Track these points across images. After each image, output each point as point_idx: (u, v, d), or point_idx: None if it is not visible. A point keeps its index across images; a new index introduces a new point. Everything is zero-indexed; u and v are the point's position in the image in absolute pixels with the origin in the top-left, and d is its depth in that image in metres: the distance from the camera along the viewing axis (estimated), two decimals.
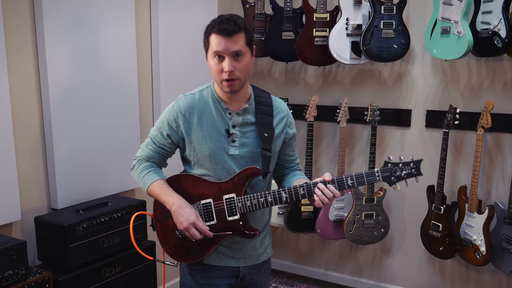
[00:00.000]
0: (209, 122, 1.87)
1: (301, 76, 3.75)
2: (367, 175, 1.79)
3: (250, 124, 1.89)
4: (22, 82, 2.49)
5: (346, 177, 1.79)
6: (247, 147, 1.88)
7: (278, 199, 1.83)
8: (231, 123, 1.87)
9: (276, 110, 1.94)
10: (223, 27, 1.74)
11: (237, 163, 1.87)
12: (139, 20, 3.08)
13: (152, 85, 3.23)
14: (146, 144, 1.98)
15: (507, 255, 2.93)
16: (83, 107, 2.74)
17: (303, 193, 1.81)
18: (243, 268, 1.97)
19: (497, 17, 2.77)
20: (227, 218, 1.85)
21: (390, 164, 1.80)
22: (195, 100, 1.90)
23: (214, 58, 1.78)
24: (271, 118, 1.91)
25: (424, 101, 3.35)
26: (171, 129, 1.90)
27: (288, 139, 1.98)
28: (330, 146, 3.71)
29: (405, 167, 1.80)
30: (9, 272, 2.14)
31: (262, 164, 1.87)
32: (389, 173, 1.79)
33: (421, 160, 1.81)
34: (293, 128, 2.00)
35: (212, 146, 1.86)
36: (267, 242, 2.04)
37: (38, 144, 2.60)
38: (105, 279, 2.56)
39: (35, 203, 2.61)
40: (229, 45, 1.75)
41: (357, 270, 3.77)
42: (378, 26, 3.14)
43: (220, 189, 1.86)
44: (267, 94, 1.97)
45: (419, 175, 1.81)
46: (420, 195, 3.31)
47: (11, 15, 2.41)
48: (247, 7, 3.48)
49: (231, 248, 1.93)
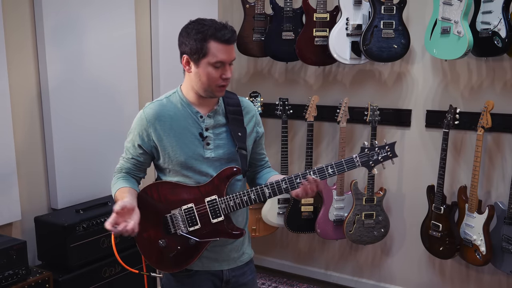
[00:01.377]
0: (181, 127, 1.84)
1: (301, 76, 3.75)
2: (347, 162, 1.84)
3: (221, 125, 1.88)
4: (22, 82, 2.49)
5: (326, 165, 1.83)
6: (222, 148, 1.87)
7: (261, 196, 1.83)
8: (203, 126, 1.86)
9: (245, 109, 1.95)
10: (225, 36, 1.73)
11: (213, 166, 1.86)
12: (139, 20, 3.08)
13: (152, 85, 3.23)
14: (122, 156, 1.95)
15: (507, 255, 2.93)
16: (83, 107, 2.74)
17: (285, 187, 1.82)
18: (226, 271, 1.95)
19: (497, 17, 2.77)
20: (211, 221, 1.83)
21: (366, 149, 1.87)
22: (163, 107, 1.86)
23: (213, 65, 1.76)
24: (242, 118, 1.92)
25: (424, 101, 3.35)
26: (141, 139, 1.86)
27: (258, 138, 2.00)
28: (330, 146, 3.71)
29: (381, 150, 1.88)
30: (9, 272, 2.14)
31: (241, 163, 1.87)
32: (367, 158, 1.87)
33: (395, 143, 1.90)
34: (261, 126, 2.03)
35: (187, 151, 1.83)
36: (246, 241, 2.03)
37: (38, 144, 2.60)
38: (105, 279, 2.56)
39: (35, 203, 2.61)
40: (230, 53, 1.77)
41: (357, 270, 3.77)
42: (378, 26, 3.14)
43: (200, 192, 1.84)
44: (234, 95, 1.97)
45: (395, 157, 1.89)
46: (420, 195, 3.31)
47: (11, 15, 2.41)
48: (247, 7, 3.48)
49: (214, 251, 1.91)
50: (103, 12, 2.80)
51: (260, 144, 2.04)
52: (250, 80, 3.91)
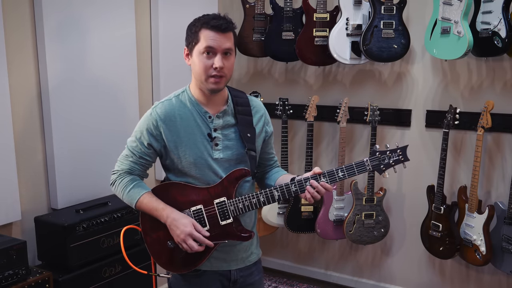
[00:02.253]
0: (191, 127, 1.83)
1: (301, 76, 3.75)
2: (357, 165, 1.81)
3: (231, 126, 1.87)
4: (22, 82, 2.49)
5: (336, 169, 1.80)
6: (230, 149, 1.86)
7: (270, 198, 1.81)
8: (212, 126, 1.84)
9: (254, 109, 1.93)
10: (217, 23, 1.74)
11: (222, 167, 1.85)
12: (139, 20, 3.08)
13: (152, 85, 3.23)
14: (126, 157, 1.89)
15: (507, 255, 2.93)
16: (83, 107, 2.74)
17: (295, 190, 1.80)
18: (234, 271, 1.94)
19: (497, 17, 2.77)
20: (220, 223, 1.82)
21: (378, 152, 1.84)
22: (173, 106, 1.84)
23: (203, 54, 1.75)
24: (251, 118, 1.90)
25: (424, 101, 3.35)
26: (152, 137, 1.83)
27: (267, 137, 1.98)
28: (330, 146, 3.71)
29: (393, 154, 1.86)
30: (9, 272, 2.14)
31: (250, 165, 1.86)
32: (378, 162, 1.84)
33: (407, 146, 1.87)
34: (270, 125, 2.00)
35: (196, 151, 1.82)
36: (254, 242, 2.02)
37: (38, 144, 2.60)
38: (105, 279, 2.56)
39: (35, 203, 2.61)
40: (222, 41, 1.74)
41: (357, 270, 3.77)
42: (378, 26, 3.14)
43: (209, 194, 1.83)
44: (243, 94, 1.95)
45: (407, 161, 1.87)
46: (420, 195, 3.31)
47: (11, 15, 2.41)
48: (247, 7, 3.48)
49: (222, 251, 1.90)
50: (103, 12, 2.80)
51: (269, 143, 2.02)
52: (250, 80, 3.91)
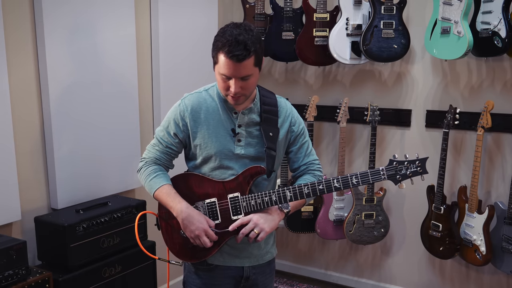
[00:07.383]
0: (216, 120, 1.87)
1: (301, 76, 3.75)
2: (372, 173, 1.78)
3: (255, 124, 1.89)
4: (22, 82, 2.49)
5: (350, 175, 1.79)
6: (252, 146, 1.88)
7: (282, 198, 1.82)
8: (236, 122, 1.87)
9: (281, 110, 1.94)
10: (233, 53, 1.68)
11: (240, 162, 1.87)
12: (139, 20, 3.08)
13: (152, 85, 3.23)
14: (153, 145, 1.95)
15: (507, 255, 2.93)
16: (83, 107, 2.74)
17: (307, 192, 1.81)
18: (247, 268, 1.96)
19: (497, 17, 2.77)
20: (231, 217, 1.85)
21: (395, 162, 1.80)
22: (201, 98, 1.89)
23: (221, 75, 1.76)
24: (276, 118, 1.91)
25: (424, 101, 3.35)
26: (178, 128, 1.89)
27: (293, 137, 1.96)
28: (330, 146, 3.71)
29: (411, 165, 1.80)
30: (9, 272, 2.14)
31: (266, 163, 1.86)
32: (394, 172, 1.80)
33: (427, 158, 1.82)
34: (296, 125, 1.96)
35: (218, 144, 1.86)
36: (271, 241, 2.03)
37: (38, 144, 2.60)
38: (105, 279, 2.56)
39: (35, 203, 2.61)
40: (238, 71, 1.72)
41: (357, 270, 3.77)
42: (378, 26, 3.14)
43: (224, 188, 1.86)
44: (272, 94, 1.97)
45: (425, 173, 1.82)
46: (420, 195, 3.31)
47: (11, 15, 2.41)
48: (247, 7, 3.48)
49: (235, 247, 1.92)
50: (103, 12, 2.79)
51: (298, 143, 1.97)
52: None
